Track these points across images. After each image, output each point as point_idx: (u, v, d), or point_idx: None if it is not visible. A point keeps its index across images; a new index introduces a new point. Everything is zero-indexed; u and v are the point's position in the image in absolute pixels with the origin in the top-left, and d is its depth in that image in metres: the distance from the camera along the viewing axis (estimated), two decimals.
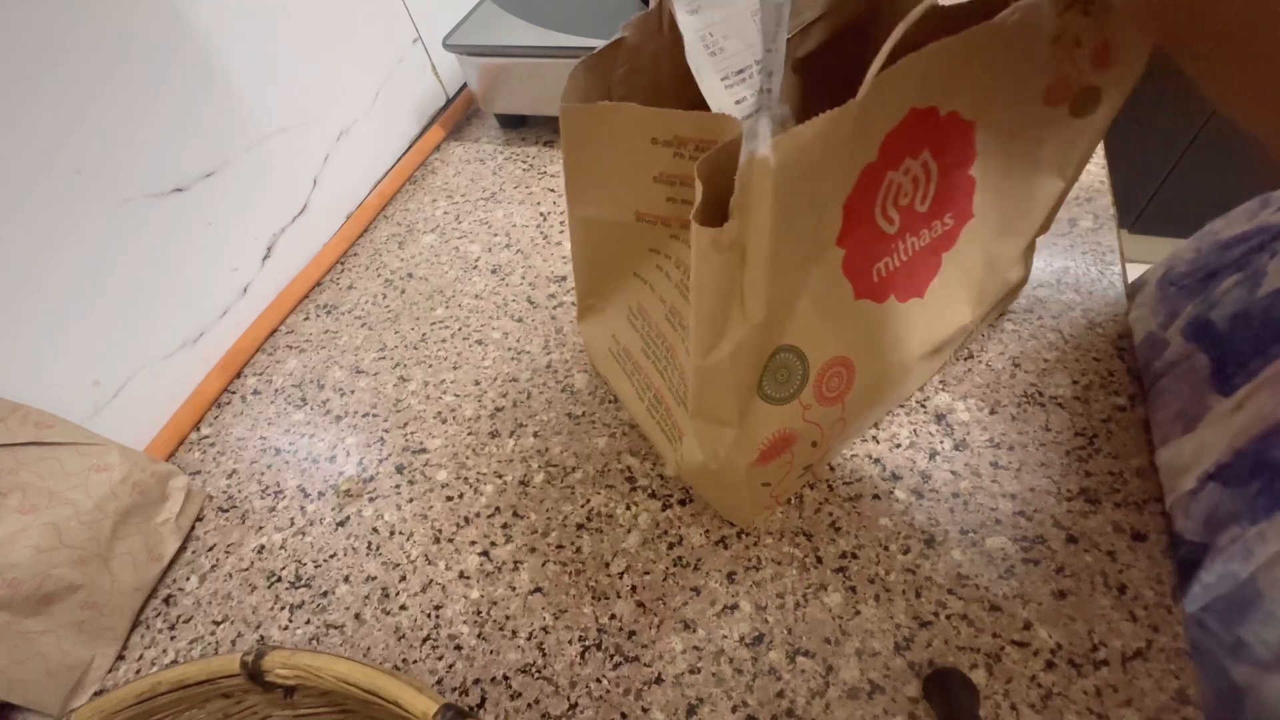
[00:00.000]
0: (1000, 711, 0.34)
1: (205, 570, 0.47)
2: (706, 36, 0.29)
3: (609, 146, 0.31)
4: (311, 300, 0.65)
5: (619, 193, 0.33)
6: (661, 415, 0.41)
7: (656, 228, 0.33)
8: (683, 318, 0.35)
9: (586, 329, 0.48)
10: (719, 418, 0.33)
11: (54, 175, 0.45)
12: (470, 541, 0.45)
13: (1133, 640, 0.35)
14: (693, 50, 0.28)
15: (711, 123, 0.26)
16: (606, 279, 0.41)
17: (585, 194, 0.35)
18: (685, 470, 0.39)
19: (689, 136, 0.27)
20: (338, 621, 0.43)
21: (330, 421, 0.54)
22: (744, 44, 0.30)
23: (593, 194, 0.34)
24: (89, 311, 0.48)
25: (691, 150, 0.28)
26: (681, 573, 0.41)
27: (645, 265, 0.37)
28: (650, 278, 0.37)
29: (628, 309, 0.41)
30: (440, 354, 0.57)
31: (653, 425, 0.43)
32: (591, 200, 0.35)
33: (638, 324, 0.40)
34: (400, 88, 0.76)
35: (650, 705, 0.37)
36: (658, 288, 0.37)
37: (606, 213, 0.35)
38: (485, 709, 0.38)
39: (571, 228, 0.39)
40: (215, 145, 0.56)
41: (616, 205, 0.34)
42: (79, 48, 0.45)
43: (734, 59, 0.30)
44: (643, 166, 0.30)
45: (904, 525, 0.41)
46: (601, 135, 0.31)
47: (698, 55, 0.29)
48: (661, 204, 0.31)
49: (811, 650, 0.37)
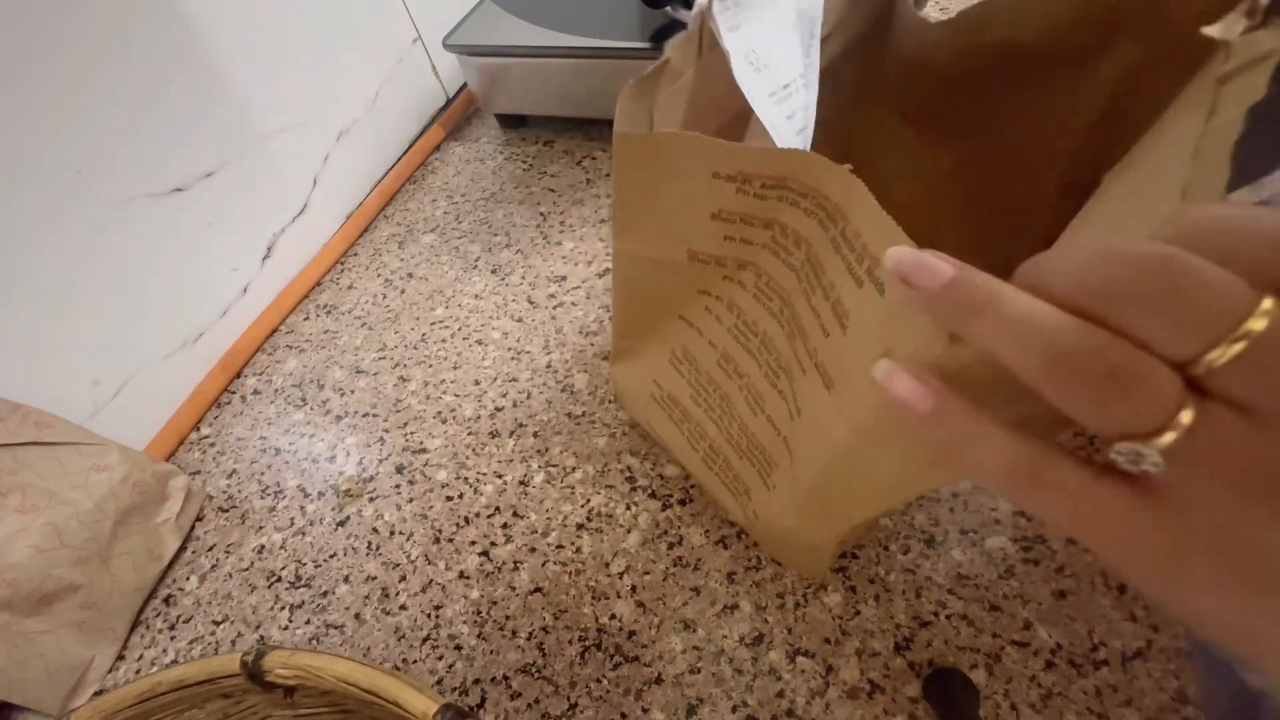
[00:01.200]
0: (1000, 711, 0.34)
1: (205, 570, 0.47)
2: (750, 54, 0.28)
3: (666, 178, 0.28)
4: (311, 300, 0.65)
5: (673, 228, 0.31)
6: (720, 467, 0.39)
7: (710, 267, 0.31)
8: (738, 365, 0.33)
9: (621, 372, 0.45)
10: (847, 514, 0.30)
11: (54, 175, 0.45)
12: (470, 541, 0.45)
13: (1133, 640, 0.35)
14: (739, 69, 0.28)
15: (780, 159, 0.24)
16: (649, 321, 0.38)
17: (635, 227, 0.33)
18: (759, 530, 0.38)
19: (754, 172, 0.25)
20: (338, 621, 0.43)
21: (330, 421, 0.54)
22: (785, 58, 0.29)
23: (644, 228, 0.32)
24: (89, 311, 0.48)
25: (756, 188, 0.25)
26: (681, 573, 0.41)
27: (693, 308, 0.34)
28: (699, 321, 0.35)
29: (670, 353, 0.39)
30: (440, 354, 0.57)
31: (709, 476, 0.41)
32: (642, 235, 0.32)
33: (684, 370, 0.38)
34: (400, 88, 0.76)
35: (650, 705, 0.36)
36: (706, 332, 0.35)
37: (656, 249, 0.32)
38: (485, 709, 0.38)
39: (615, 263, 0.36)
40: (215, 145, 0.56)
41: (668, 242, 0.31)
42: (79, 49, 0.45)
43: (778, 73, 0.29)
44: (701, 201, 0.28)
45: (904, 525, 0.41)
46: (658, 165, 0.28)
47: (745, 73, 0.28)
48: (718, 242, 0.29)
49: (811, 650, 0.37)
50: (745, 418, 0.34)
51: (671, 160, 0.27)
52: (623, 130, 0.28)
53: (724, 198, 0.27)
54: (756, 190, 0.25)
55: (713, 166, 0.26)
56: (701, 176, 0.26)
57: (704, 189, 0.27)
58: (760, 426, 0.33)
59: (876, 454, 0.24)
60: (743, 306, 0.31)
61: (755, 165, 0.25)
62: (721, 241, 0.29)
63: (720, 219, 0.28)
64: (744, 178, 0.25)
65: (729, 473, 0.38)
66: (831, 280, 0.23)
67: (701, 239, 0.29)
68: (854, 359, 0.23)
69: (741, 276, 0.30)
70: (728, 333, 0.33)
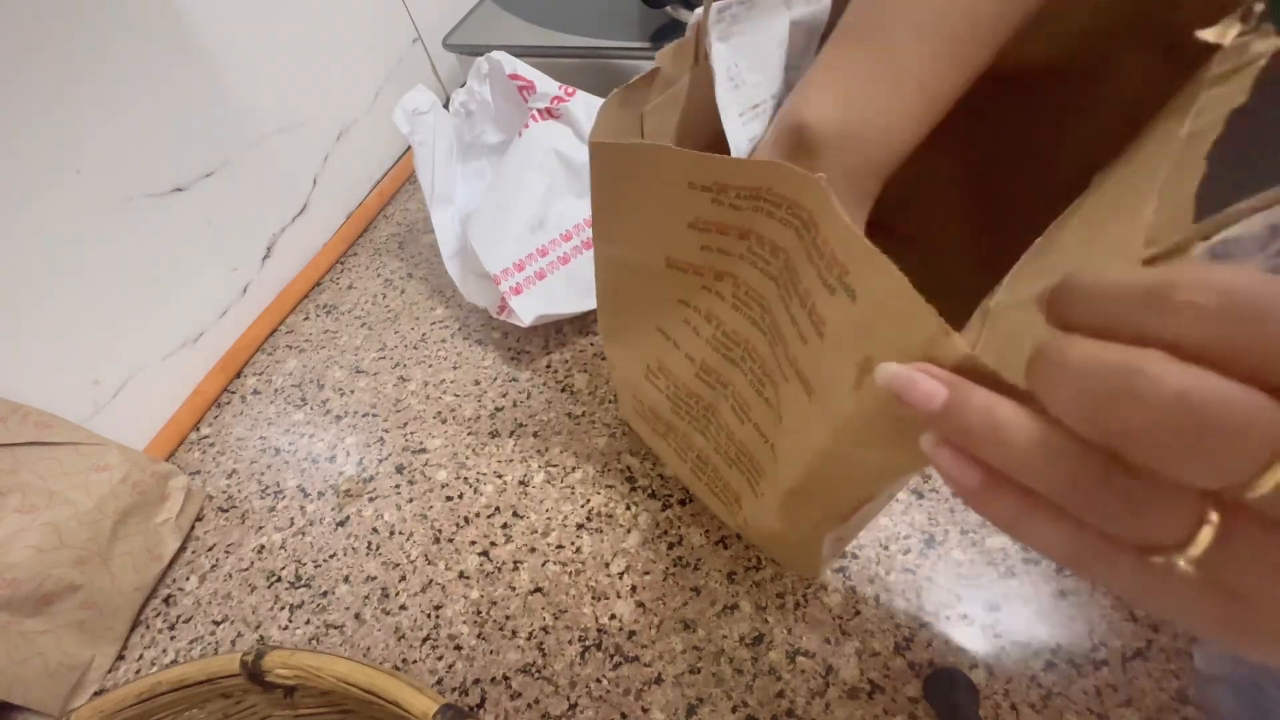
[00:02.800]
0: (1000, 711, 0.34)
1: (205, 570, 0.47)
2: (732, 68, 0.28)
3: (642, 187, 0.28)
4: (311, 300, 0.65)
5: (650, 235, 0.30)
6: (710, 477, 0.39)
7: (687, 277, 0.31)
8: (720, 375, 0.33)
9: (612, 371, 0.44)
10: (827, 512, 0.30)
11: (54, 175, 0.45)
12: (470, 541, 0.45)
13: (1133, 640, 0.35)
14: (720, 83, 0.28)
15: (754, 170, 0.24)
16: (628, 325, 0.38)
17: (613, 232, 0.33)
18: (752, 535, 0.38)
19: (729, 183, 0.25)
20: (338, 621, 0.43)
21: (330, 421, 0.54)
22: (764, 76, 0.29)
23: (622, 233, 0.32)
24: (89, 311, 0.48)
25: (732, 198, 0.25)
26: (681, 573, 0.41)
27: (671, 319, 0.34)
28: (675, 334, 0.35)
29: (645, 367, 0.38)
30: (440, 354, 0.57)
31: (701, 486, 0.41)
32: (620, 238, 0.33)
33: (659, 383, 0.38)
34: (400, 88, 0.76)
35: (650, 705, 0.37)
36: (684, 345, 0.34)
37: (635, 254, 0.32)
38: (485, 709, 0.38)
39: (597, 264, 0.36)
40: (215, 145, 0.56)
41: (646, 248, 0.31)
42: (79, 49, 0.45)
43: (752, 91, 0.29)
44: (678, 211, 0.28)
45: (904, 525, 0.41)
46: (634, 175, 0.28)
47: (723, 88, 0.28)
48: (695, 251, 0.29)
49: (811, 650, 0.37)
50: (732, 426, 0.34)
51: (647, 170, 0.27)
52: (597, 141, 0.29)
53: (700, 207, 0.27)
54: (732, 200, 0.25)
55: (688, 177, 0.26)
56: (677, 187, 0.26)
57: (680, 199, 0.27)
58: (748, 435, 0.33)
59: (858, 455, 0.24)
60: (722, 317, 0.31)
61: (730, 176, 0.25)
62: (699, 251, 0.29)
63: (697, 229, 0.28)
64: (719, 187, 0.25)
65: (719, 482, 0.38)
66: (807, 288, 0.23)
67: (679, 247, 0.29)
68: (831, 365, 0.23)
69: (719, 287, 0.30)
70: (706, 344, 0.33)
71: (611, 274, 0.36)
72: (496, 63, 0.52)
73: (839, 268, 0.20)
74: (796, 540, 0.34)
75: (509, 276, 0.50)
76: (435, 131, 0.54)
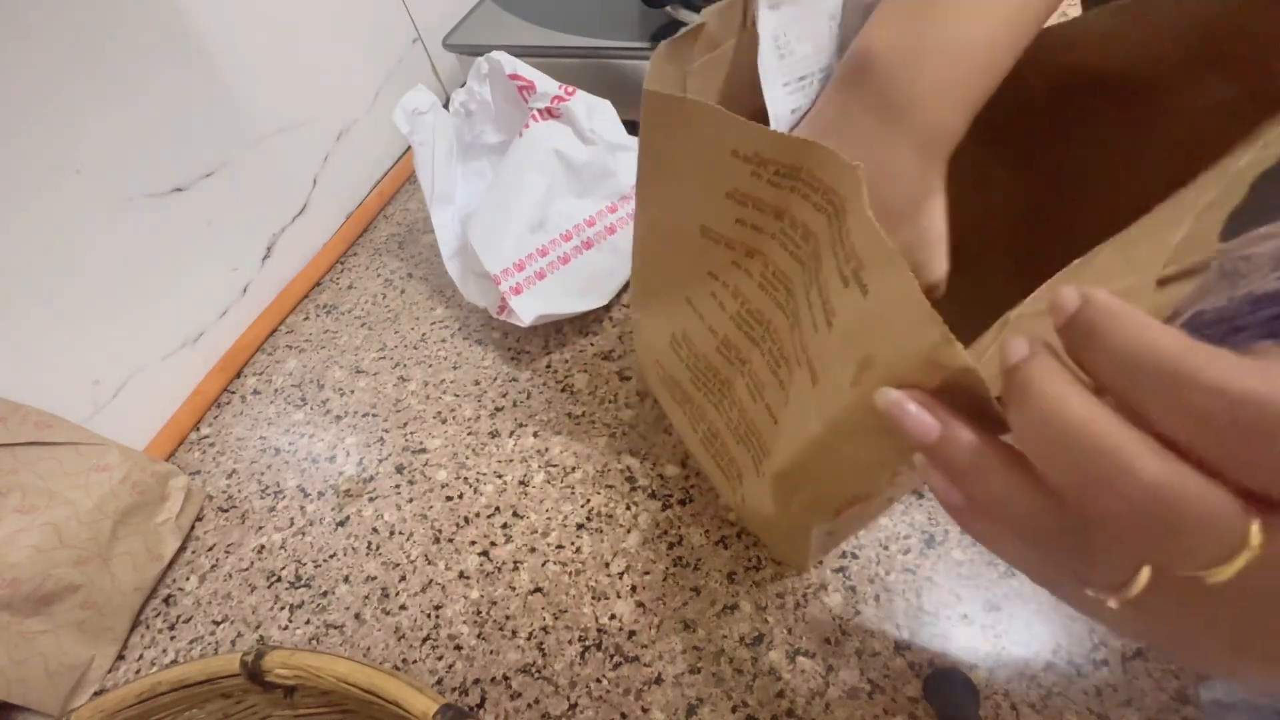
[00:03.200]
0: (1000, 711, 0.34)
1: (205, 570, 0.47)
2: (780, 37, 0.27)
3: (687, 146, 0.28)
4: (311, 300, 0.65)
5: (689, 199, 0.30)
6: (718, 450, 0.39)
7: (720, 249, 0.30)
8: (740, 352, 0.33)
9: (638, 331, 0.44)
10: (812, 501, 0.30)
11: (54, 175, 0.45)
12: (470, 541, 0.45)
13: (1133, 640, 0.35)
14: (765, 51, 0.27)
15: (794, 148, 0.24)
16: (659, 292, 0.38)
17: (655, 188, 0.32)
18: (746, 515, 0.38)
19: (769, 157, 0.24)
20: (338, 621, 0.43)
21: (330, 421, 0.54)
22: (814, 47, 0.28)
23: (664, 189, 0.32)
24: (89, 311, 0.48)
25: (770, 174, 0.25)
26: (681, 573, 0.41)
27: (699, 291, 0.34)
28: (702, 306, 0.35)
29: (671, 335, 0.39)
30: (440, 354, 0.57)
31: (707, 459, 0.41)
32: (661, 199, 0.32)
33: (681, 353, 0.38)
34: (400, 88, 0.76)
35: (650, 705, 0.37)
36: (708, 317, 0.34)
37: (673, 218, 0.32)
38: (485, 709, 0.38)
39: (636, 228, 0.36)
40: (215, 145, 0.56)
41: (684, 212, 0.31)
42: (79, 49, 0.45)
43: (800, 63, 0.28)
44: (717, 177, 0.27)
45: (904, 525, 0.41)
46: (682, 132, 0.28)
47: (768, 56, 0.27)
48: (730, 224, 0.29)
49: (811, 650, 0.37)
50: (745, 404, 0.34)
51: (692, 128, 0.27)
52: (651, 89, 0.28)
53: (739, 178, 0.26)
54: (770, 176, 0.25)
55: (731, 144, 0.26)
56: (720, 151, 0.26)
57: (721, 165, 0.27)
58: (759, 413, 0.33)
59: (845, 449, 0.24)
60: (748, 295, 0.30)
61: (770, 150, 0.24)
62: (733, 225, 0.29)
63: (734, 200, 0.27)
64: (760, 160, 0.25)
65: (725, 456, 0.38)
66: (825, 277, 0.23)
67: (715, 217, 0.29)
68: (834, 356, 0.23)
69: (749, 264, 0.30)
70: (730, 320, 0.33)
71: (649, 239, 0.36)
72: (496, 63, 0.52)
73: (856, 261, 0.20)
74: (786, 527, 0.34)
75: (509, 276, 0.50)
76: (435, 131, 0.54)
